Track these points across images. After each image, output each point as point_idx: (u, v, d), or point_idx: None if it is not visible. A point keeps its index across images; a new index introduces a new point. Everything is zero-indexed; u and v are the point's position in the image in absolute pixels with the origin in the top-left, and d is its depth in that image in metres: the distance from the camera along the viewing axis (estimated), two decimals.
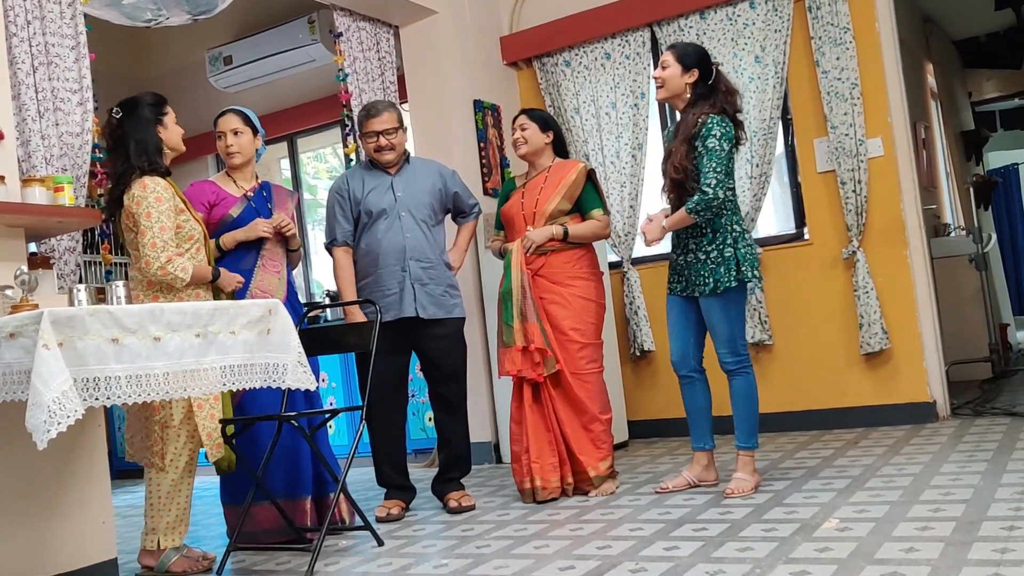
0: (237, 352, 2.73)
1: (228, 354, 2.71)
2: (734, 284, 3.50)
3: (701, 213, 3.48)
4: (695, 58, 3.59)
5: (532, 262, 3.89)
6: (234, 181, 3.76)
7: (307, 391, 3.32)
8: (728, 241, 3.52)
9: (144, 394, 2.47)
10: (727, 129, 3.49)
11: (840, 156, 4.82)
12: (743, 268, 3.51)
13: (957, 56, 8.99)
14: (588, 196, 3.95)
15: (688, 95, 3.59)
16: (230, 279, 3.39)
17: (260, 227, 3.63)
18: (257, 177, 3.84)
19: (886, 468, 3.68)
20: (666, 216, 3.63)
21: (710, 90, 3.56)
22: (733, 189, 3.55)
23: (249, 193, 3.74)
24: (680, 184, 3.56)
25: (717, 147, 3.46)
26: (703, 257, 3.55)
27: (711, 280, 3.52)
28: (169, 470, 3.14)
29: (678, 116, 3.71)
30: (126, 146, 3.21)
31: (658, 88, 3.67)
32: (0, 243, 3.04)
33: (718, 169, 3.45)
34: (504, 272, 3.91)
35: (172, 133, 3.32)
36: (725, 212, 3.54)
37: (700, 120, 3.51)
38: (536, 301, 3.84)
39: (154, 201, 3.12)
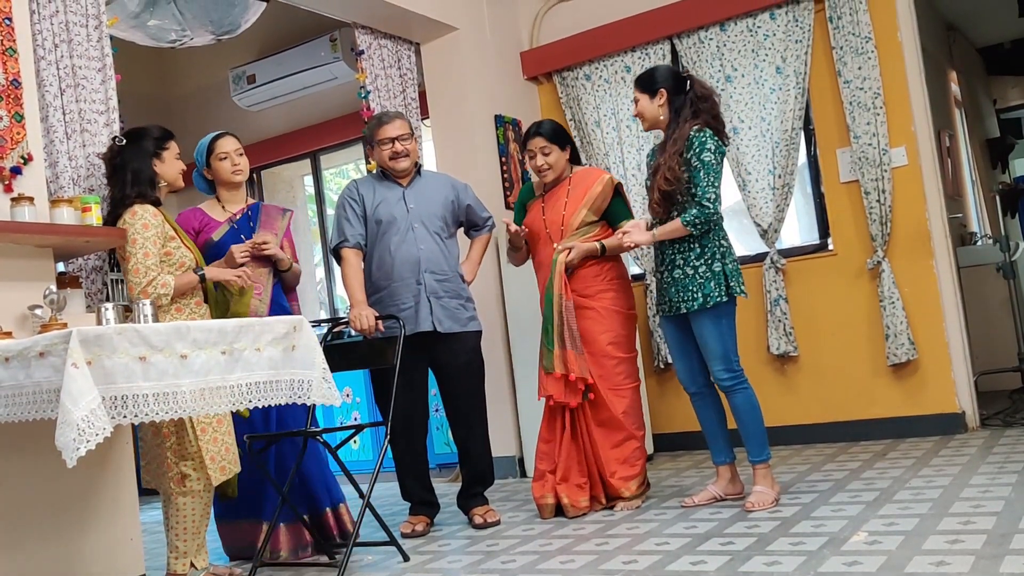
0: (262, 369, 2.75)
1: (253, 371, 2.72)
2: (724, 299, 3.51)
3: (698, 227, 3.49)
4: (657, 80, 3.64)
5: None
6: (222, 205, 3.75)
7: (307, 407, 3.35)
8: (716, 256, 3.53)
9: (171, 411, 2.49)
10: (719, 144, 3.53)
11: (863, 166, 4.79)
12: (731, 283, 3.52)
13: (981, 63, 8.91)
14: (618, 209, 3.94)
15: (666, 115, 3.63)
16: (222, 272, 3.33)
17: (236, 254, 3.49)
18: (247, 199, 3.82)
19: (915, 480, 3.64)
20: (649, 225, 3.65)
21: (687, 102, 3.59)
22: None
23: (236, 216, 3.72)
24: (669, 196, 3.54)
25: (713, 161, 3.49)
26: (691, 272, 3.55)
27: (700, 295, 3.51)
28: (203, 494, 3.15)
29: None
30: (123, 174, 3.27)
31: (642, 123, 3.72)
32: (29, 263, 3.09)
33: (716, 184, 3.49)
34: (545, 292, 3.84)
35: (169, 168, 3.35)
36: (713, 227, 3.56)
37: (691, 133, 3.52)
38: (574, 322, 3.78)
39: (140, 228, 3.18)
